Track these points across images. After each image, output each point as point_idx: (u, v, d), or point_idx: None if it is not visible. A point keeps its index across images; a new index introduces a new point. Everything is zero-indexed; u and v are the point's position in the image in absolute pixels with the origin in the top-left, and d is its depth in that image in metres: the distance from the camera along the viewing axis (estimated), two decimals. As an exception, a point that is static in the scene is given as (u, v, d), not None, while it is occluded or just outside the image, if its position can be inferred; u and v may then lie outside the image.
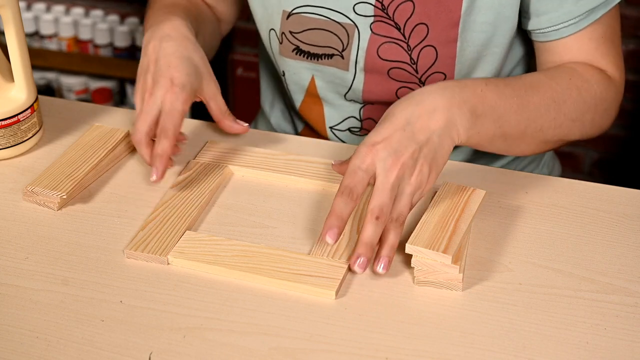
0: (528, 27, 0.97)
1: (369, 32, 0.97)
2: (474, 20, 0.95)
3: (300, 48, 1.01)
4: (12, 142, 0.94)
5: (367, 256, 0.76)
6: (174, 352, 0.70)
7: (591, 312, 0.74)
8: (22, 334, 0.71)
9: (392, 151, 0.77)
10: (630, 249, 0.82)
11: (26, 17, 2.40)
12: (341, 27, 0.98)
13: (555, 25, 0.94)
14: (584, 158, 2.15)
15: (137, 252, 0.79)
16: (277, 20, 1.01)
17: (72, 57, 2.42)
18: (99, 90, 2.46)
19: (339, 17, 0.97)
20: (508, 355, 0.70)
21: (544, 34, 0.96)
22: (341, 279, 0.76)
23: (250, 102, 1.87)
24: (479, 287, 0.77)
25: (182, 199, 0.86)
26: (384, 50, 0.98)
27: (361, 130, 1.08)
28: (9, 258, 0.80)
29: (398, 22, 0.96)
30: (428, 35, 0.96)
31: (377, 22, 0.97)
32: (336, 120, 1.07)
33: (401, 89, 1.01)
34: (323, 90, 1.05)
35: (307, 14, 0.98)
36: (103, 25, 2.38)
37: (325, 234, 0.76)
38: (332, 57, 1.00)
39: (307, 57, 1.02)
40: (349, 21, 0.97)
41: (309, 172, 0.91)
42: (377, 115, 1.05)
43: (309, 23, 0.99)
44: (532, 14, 0.95)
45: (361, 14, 0.97)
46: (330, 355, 0.70)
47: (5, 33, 0.91)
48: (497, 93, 0.85)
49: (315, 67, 1.03)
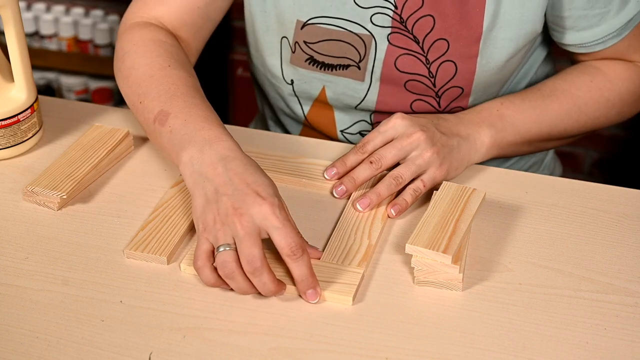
0: (564, 41, 0.98)
1: (386, 43, 0.96)
2: (495, 36, 0.94)
3: (315, 58, 1.00)
4: (12, 142, 0.94)
5: (348, 187, 0.87)
6: (174, 352, 0.70)
7: (591, 312, 0.74)
8: (22, 334, 0.71)
9: (416, 122, 0.87)
10: (630, 249, 0.82)
11: (26, 17, 2.40)
12: (358, 37, 0.97)
13: (600, 39, 0.96)
14: (584, 158, 2.15)
15: (137, 252, 0.79)
16: (291, 29, 0.99)
17: (72, 57, 2.42)
18: (99, 90, 2.46)
19: (355, 27, 0.96)
20: (508, 355, 0.70)
21: (586, 47, 0.98)
22: (357, 284, 0.76)
23: (250, 102, 1.88)
24: (479, 287, 0.77)
25: (182, 199, 0.86)
26: (401, 62, 0.97)
27: None
28: (9, 258, 0.80)
29: (417, 36, 0.95)
30: (448, 50, 0.95)
31: (394, 33, 0.96)
32: (347, 124, 1.06)
33: (416, 102, 1.00)
34: (333, 101, 1.04)
35: (322, 25, 0.97)
36: (103, 25, 2.38)
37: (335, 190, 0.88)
38: (347, 68, 0.99)
39: (320, 68, 1.00)
40: (366, 32, 0.96)
41: (319, 174, 0.91)
42: None
43: (324, 34, 0.97)
44: (569, 29, 0.96)
45: (378, 25, 0.96)
46: (330, 355, 0.70)
47: (5, 33, 0.91)
48: (514, 109, 0.92)
49: (327, 78, 1.01)
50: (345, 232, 0.82)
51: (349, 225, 0.83)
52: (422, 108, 1.00)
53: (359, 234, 0.82)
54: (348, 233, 0.82)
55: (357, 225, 0.83)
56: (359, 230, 0.82)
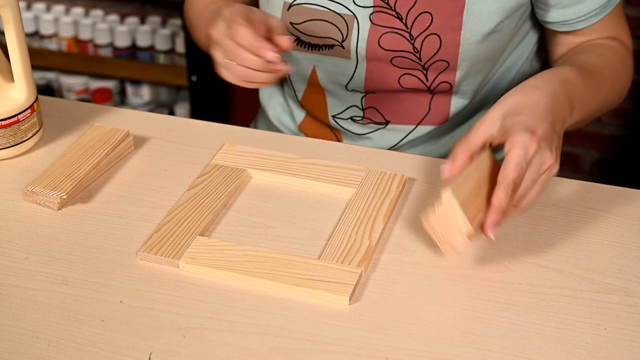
0: (547, 19, 0.99)
1: (369, 23, 0.98)
2: (480, 10, 0.95)
3: (301, 39, 1.02)
4: (12, 142, 0.94)
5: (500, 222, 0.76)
6: (174, 352, 0.70)
7: (591, 312, 0.74)
8: (22, 334, 0.71)
9: (548, 144, 0.77)
10: (630, 249, 0.82)
11: (26, 17, 2.40)
12: (340, 17, 0.98)
13: (583, 16, 0.97)
14: (584, 158, 2.15)
15: (150, 254, 0.79)
16: (279, 12, 1.01)
17: (72, 57, 2.42)
18: (99, 90, 2.46)
19: (338, 7, 0.98)
20: (508, 355, 0.70)
21: (569, 24, 0.99)
22: (354, 284, 0.76)
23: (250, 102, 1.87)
24: (479, 287, 0.77)
25: (198, 202, 0.86)
26: (385, 40, 0.98)
27: (363, 119, 1.08)
28: (9, 258, 0.80)
29: (400, 12, 0.96)
30: (432, 23, 0.96)
31: (376, 12, 0.97)
32: (339, 109, 1.08)
33: (404, 76, 1.01)
34: (324, 81, 1.05)
35: (307, 5, 0.99)
36: (103, 25, 2.38)
37: (488, 231, 0.75)
38: (332, 48, 1.01)
39: (307, 48, 1.02)
40: (348, 12, 0.98)
41: (326, 176, 0.91)
42: (379, 104, 1.06)
43: (309, 14, 1.00)
44: (553, 6, 0.97)
45: (360, 5, 0.97)
46: (330, 355, 0.70)
47: (5, 33, 0.91)
48: (584, 84, 0.90)
49: (316, 58, 1.03)
50: (345, 232, 0.82)
51: (349, 225, 0.83)
52: (410, 82, 1.01)
53: (359, 234, 0.82)
54: (348, 233, 0.82)
55: (358, 226, 0.83)
56: (359, 230, 0.82)
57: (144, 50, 2.37)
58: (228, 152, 0.95)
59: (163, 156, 0.96)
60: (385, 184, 0.89)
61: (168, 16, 2.42)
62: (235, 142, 0.98)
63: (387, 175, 0.90)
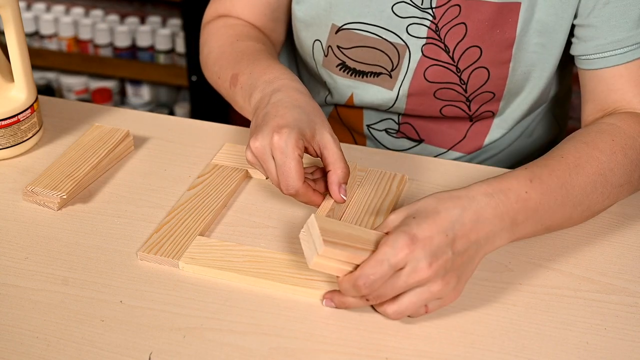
0: (573, 52, 0.94)
1: (420, 54, 0.96)
2: (528, 41, 0.94)
3: (346, 64, 1.00)
4: (12, 142, 0.94)
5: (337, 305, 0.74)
6: (174, 352, 0.70)
7: (591, 312, 0.74)
8: (22, 334, 0.71)
9: (428, 254, 0.69)
10: (630, 249, 0.82)
11: (26, 17, 2.40)
12: (392, 46, 0.96)
13: (602, 53, 0.90)
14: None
15: (150, 254, 0.79)
16: (325, 33, 0.99)
17: (72, 57, 2.43)
18: (99, 90, 2.46)
19: (391, 36, 0.96)
20: (508, 355, 0.70)
21: (588, 61, 0.92)
22: None
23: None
24: (479, 287, 0.77)
25: (197, 202, 0.86)
26: (430, 72, 0.97)
27: (397, 133, 1.07)
28: (9, 258, 0.80)
29: (448, 45, 0.95)
30: (481, 57, 0.95)
31: (428, 44, 0.95)
32: (374, 120, 1.07)
33: (446, 107, 1.00)
34: (360, 104, 1.04)
35: (357, 31, 0.97)
36: (103, 25, 2.38)
37: (325, 301, 0.74)
38: (379, 76, 0.99)
39: (351, 75, 1.00)
40: (401, 42, 0.96)
41: None
42: (416, 122, 1.05)
43: (359, 40, 0.97)
44: (580, 38, 0.92)
45: (413, 35, 0.95)
46: (330, 355, 0.70)
47: (5, 33, 0.91)
48: (542, 190, 0.78)
49: (356, 85, 1.01)
50: None
51: None
52: (452, 113, 1.00)
53: None
54: None
55: (358, 225, 0.83)
56: None
57: (144, 50, 2.37)
58: (228, 152, 0.95)
59: (163, 156, 0.96)
60: (385, 184, 0.89)
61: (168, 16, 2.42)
62: (235, 142, 0.98)
63: (387, 175, 0.90)
